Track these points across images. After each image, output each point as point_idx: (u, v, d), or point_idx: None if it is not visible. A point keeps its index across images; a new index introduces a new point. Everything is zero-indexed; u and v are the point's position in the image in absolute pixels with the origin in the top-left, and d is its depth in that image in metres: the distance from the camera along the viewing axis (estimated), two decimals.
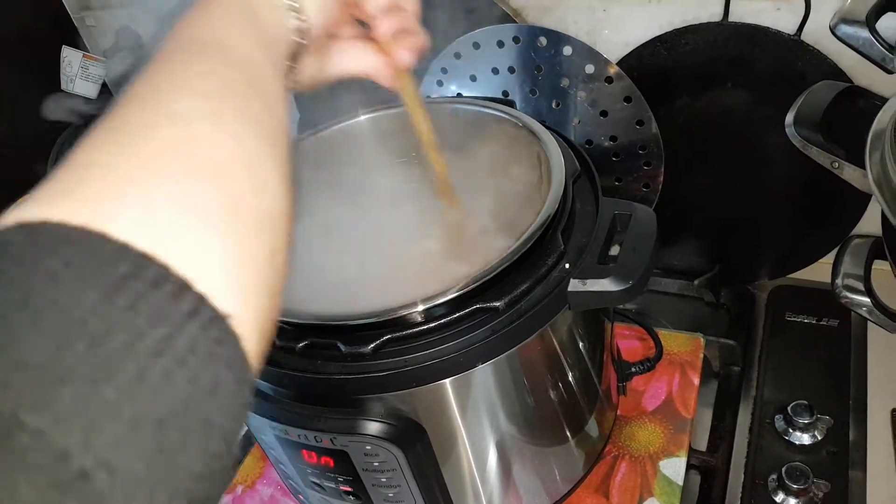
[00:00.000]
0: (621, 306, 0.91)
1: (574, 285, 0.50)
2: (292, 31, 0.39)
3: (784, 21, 0.73)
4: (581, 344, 0.59)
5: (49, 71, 1.06)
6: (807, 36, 0.72)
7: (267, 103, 0.33)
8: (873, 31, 0.57)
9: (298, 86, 0.44)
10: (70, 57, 1.06)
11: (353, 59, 0.49)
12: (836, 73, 0.72)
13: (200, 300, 0.23)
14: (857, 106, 0.70)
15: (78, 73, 1.06)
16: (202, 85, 0.30)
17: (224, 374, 0.23)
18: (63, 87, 1.06)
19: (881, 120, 0.59)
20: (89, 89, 1.08)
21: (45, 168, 1.10)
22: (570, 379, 0.59)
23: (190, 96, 0.29)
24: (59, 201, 0.24)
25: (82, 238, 0.22)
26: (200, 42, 0.33)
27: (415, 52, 0.49)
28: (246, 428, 0.82)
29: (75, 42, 1.10)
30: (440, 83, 0.87)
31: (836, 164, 0.63)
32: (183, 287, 0.23)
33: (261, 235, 0.28)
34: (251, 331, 0.25)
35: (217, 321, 0.23)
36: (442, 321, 0.48)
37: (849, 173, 0.63)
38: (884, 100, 0.63)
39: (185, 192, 0.25)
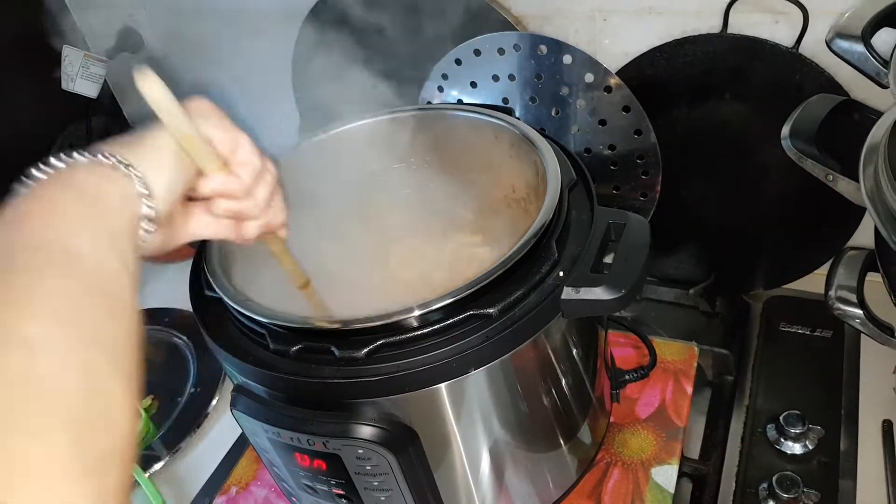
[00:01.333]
0: (616, 314, 0.92)
1: (567, 293, 0.50)
2: (142, 218, 0.39)
3: (782, 34, 0.73)
4: (574, 351, 0.59)
5: (50, 70, 1.06)
6: (804, 49, 0.73)
7: (117, 313, 0.33)
8: (868, 46, 0.58)
9: (145, 255, 0.43)
10: (71, 56, 1.06)
11: (204, 225, 0.48)
12: (832, 86, 0.73)
13: None
14: (852, 119, 0.70)
15: (79, 72, 1.07)
16: (51, 306, 0.30)
17: None
18: (64, 86, 1.06)
19: (875, 134, 0.60)
20: (90, 88, 1.09)
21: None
22: (564, 386, 0.60)
23: (38, 321, 0.29)
24: None
25: None
26: (50, 248, 0.32)
27: (262, 229, 0.50)
28: (240, 433, 0.83)
29: (76, 42, 1.10)
30: (441, 89, 0.88)
31: (831, 176, 0.64)
32: None
33: (109, 476, 0.28)
34: None
35: None
36: (435, 327, 0.49)
37: (843, 186, 0.63)
38: (879, 114, 0.63)
39: (40, 442, 0.26)
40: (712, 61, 0.77)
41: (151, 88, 0.41)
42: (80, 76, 1.06)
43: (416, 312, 0.48)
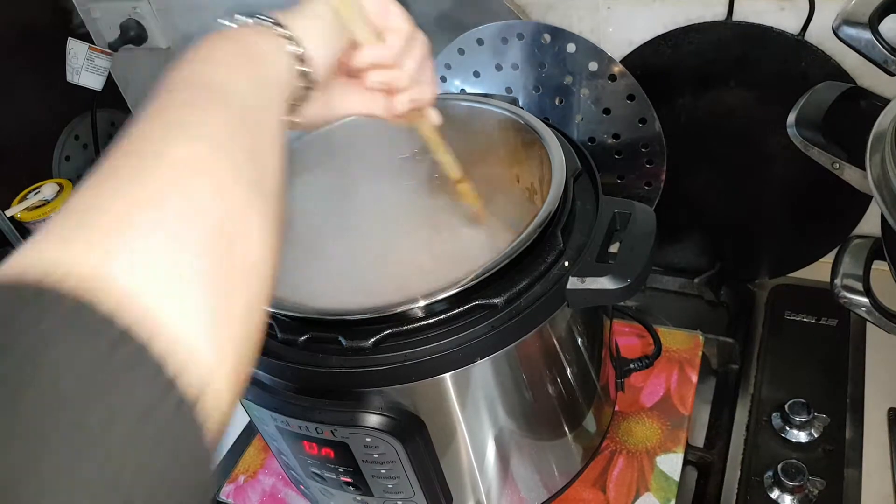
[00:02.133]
0: (621, 304, 0.92)
1: (573, 283, 0.51)
2: (296, 77, 0.41)
3: (788, 21, 0.73)
4: (579, 341, 0.59)
5: (55, 63, 1.06)
6: (810, 36, 0.72)
7: (263, 152, 0.34)
8: (875, 33, 0.57)
9: (302, 126, 0.45)
10: (76, 49, 1.06)
11: (358, 101, 0.49)
12: (839, 73, 0.72)
13: (173, 381, 0.24)
14: (859, 107, 0.70)
15: (84, 64, 1.07)
16: (199, 131, 0.31)
17: (185, 455, 0.24)
18: (69, 78, 1.07)
19: (882, 122, 0.60)
20: (95, 81, 1.09)
21: (52, 158, 1.11)
22: (569, 375, 0.60)
23: (186, 144, 0.30)
24: (58, 248, 0.25)
25: (74, 304, 0.23)
26: (201, 85, 0.34)
27: (412, 104, 0.50)
28: (247, 422, 0.83)
29: (81, 34, 1.10)
30: (444, 78, 0.87)
31: (837, 164, 0.63)
32: (160, 367, 0.24)
33: (245, 292, 0.29)
34: (225, 385, 0.27)
35: (184, 406, 0.24)
36: (441, 317, 0.49)
37: (849, 174, 0.63)
38: (886, 101, 0.63)
39: (175, 250, 0.26)
40: (717, 49, 0.76)
41: None
42: (84, 69, 1.06)
43: (422, 303, 0.49)
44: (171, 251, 0.26)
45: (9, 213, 1.03)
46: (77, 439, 0.21)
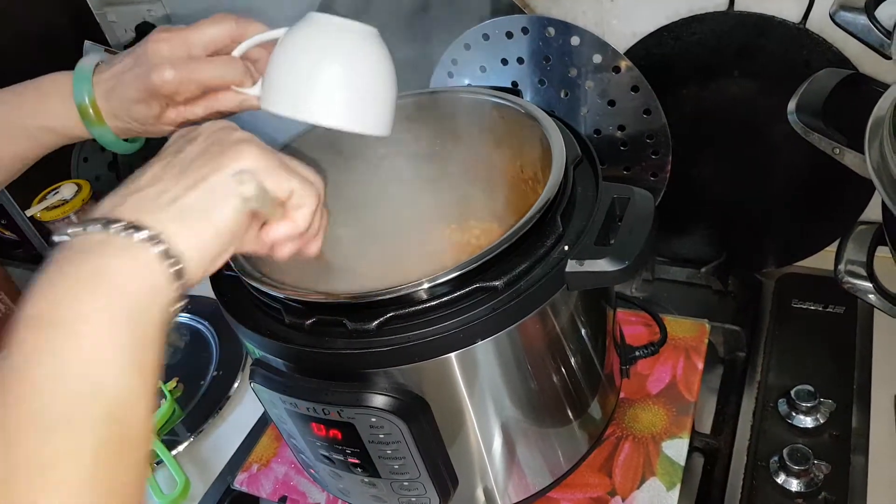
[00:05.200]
0: (628, 294, 0.93)
1: (572, 265, 0.52)
2: (175, 301, 0.38)
3: (789, 10, 0.73)
4: (581, 326, 0.60)
5: (71, 65, 1.09)
6: (812, 24, 0.73)
7: (133, 450, 0.33)
8: (872, 18, 0.58)
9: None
10: (92, 51, 1.09)
11: (257, 245, 0.47)
12: (841, 60, 0.73)
13: None
14: (859, 93, 0.70)
15: None
16: (64, 472, 0.29)
17: None
18: None
19: (881, 107, 0.60)
20: None
21: (70, 159, 1.14)
22: (572, 360, 0.61)
23: (50, 493, 0.29)
24: None
25: None
26: (62, 384, 0.31)
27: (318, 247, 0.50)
28: (261, 412, 0.85)
29: (97, 37, 1.13)
30: (451, 74, 0.89)
31: (837, 150, 0.64)
32: None
33: None
34: None
35: None
36: (443, 299, 0.50)
37: (850, 159, 0.64)
38: (886, 87, 0.63)
39: None
40: (720, 39, 0.77)
41: (253, 192, 0.41)
42: None
43: (425, 286, 0.50)
44: None
45: (29, 212, 1.06)
46: None
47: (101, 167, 1.16)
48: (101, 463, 0.31)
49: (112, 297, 0.34)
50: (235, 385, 0.91)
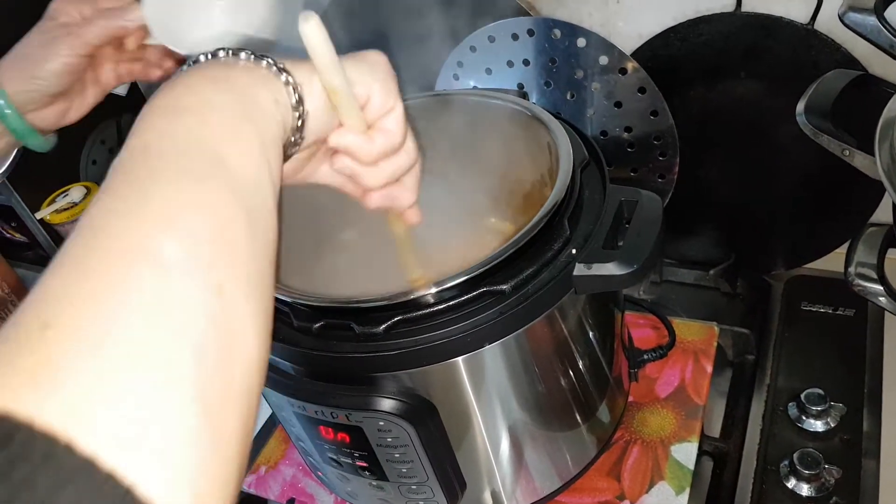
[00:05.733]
0: (636, 296, 0.92)
1: (579, 269, 0.52)
2: (294, 131, 0.37)
3: (797, 10, 0.73)
4: (589, 330, 0.60)
5: None
6: (820, 25, 0.72)
7: (259, 233, 0.30)
8: (881, 19, 0.57)
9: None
10: None
11: (326, 172, 0.46)
12: (850, 62, 0.72)
13: None
14: (868, 94, 0.70)
15: None
16: (194, 220, 0.27)
17: None
18: None
19: (891, 108, 0.60)
20: (120, 87, 1.11)
21: (79, 162, 1.14)
22: (579, 364, 0.61)
23: (178, 237, 0.26)
24: (23, 383, 0.22)
25: (48, 448, 0.21)
26: (197, 152, 0.30)
27: (383, 204, 0.47)
28: (269, 415, 0.85)
29: None
30: (456, 77, 0.89)
31: (847, 151, 0.64)
32: None
33: (232, 413, 0.26)
34: None
35: None
36: (451, 303, 0.50)
37: (860, 161, 0.63)
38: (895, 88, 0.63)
39: (157, 383, 0.23)
40: (727, 40, 0.77)
41: (312, 32, 0.38)
42: None
43: (432, 290, 0.50)
44: (155, 392, 0.23)
45: (38, 215, 1.06)
46: None
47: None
48: (230, 224, 0.29)
49: (238, 96, 0.34)
50: None
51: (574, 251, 0.53)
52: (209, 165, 0.30)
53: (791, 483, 0.68)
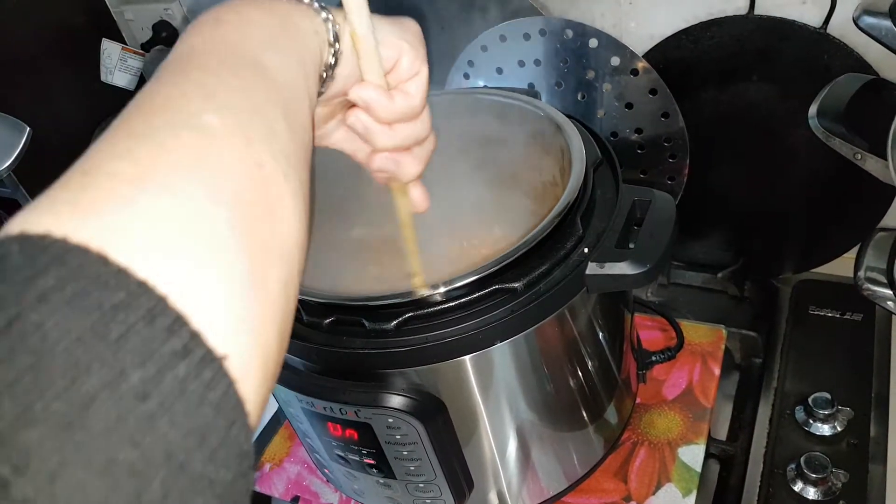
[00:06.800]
0: (645, 298, 0.92)
1: (592, 268, 0.51)
2: (328, 67, 0.38)
3: (810, 14, 0.73)
4: (599, 330, 0.60)
5: (89, 63, 1.10)
6: (833, 29, 0.72)
7: (297, 129, 0.32)
8: None
9: None
10: (109, 49, 1.09)
11: (350, 141, 0.46)
12: (862, 66, 0.72)
13: (194, 338, 0.21)
14: (881, 98, 0.70)
15: (117, 64, 1.10)
16: (233, 99, 0.29)
17: (214, 420, 0.21)
18: (103, 78, 1.10)
19: None
20: (127, 81, 1.12)
21: None
22: (588, 364, 0.60)
23: (218, 110, 0.28)
24: (64, 210, 0.22)
25: (80, 258, 0.21)
26: (238, 51, 0.32)
27: (387, 167, 0.46)
28: (274, 411, 0.85)
29: (114, 35, 1.13)
30: (467, 76, 0.89)
31: (859, 155, 0.63)
32: (177, 322, 0.21)
33: (271, 267, 0.26)
34: (252, 370, 0.24)
35: (210, 362, 0.22)
36: (462, 300, 0.50)
37: (872, 165, 0.63)
38: None
39: (195, 215, 0.24)
40: (739, 43, 0.77)
41: None
42: (118, 69, 1.10)
43: (443, 287, 0.50)
44: (193, 219, 0.23)
45: None
46: (70, 405, 0.19)
47: None
48: (270, 112, 0.30)
49: (280, 19, 0.35)
50: None
51: (586, 250, 0.53)
52: (250, 64, 0.31)
53: (798, 486, 0.68)
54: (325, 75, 0.38)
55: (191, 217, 0.23)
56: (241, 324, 0.24)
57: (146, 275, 0.21)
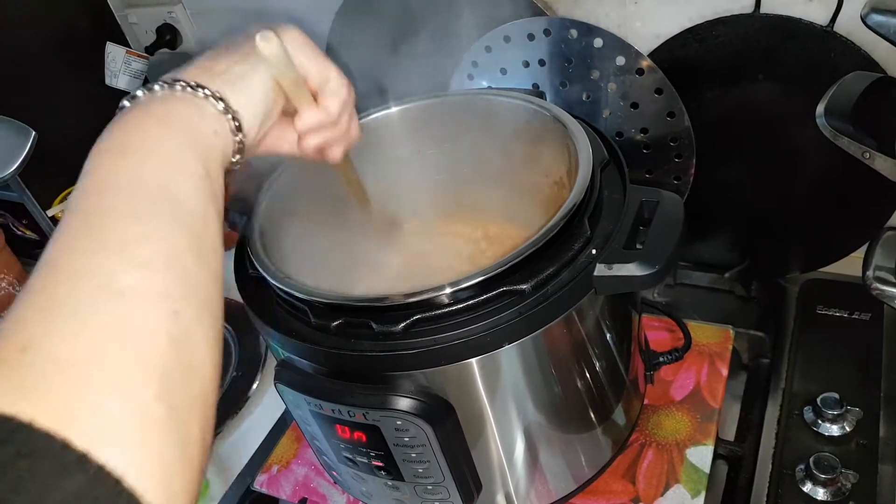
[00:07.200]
0: (651, 298, 0.92)
1: (600, 270, 0.51)
2: (233, 154, 0.40)
3: (816, 12, 0.73)
4: (607, 332, 0.60)
5: (93, 66, 1.10)
6: (839, 27, 0.72)
7: (207, 259, 0.33)
8: None
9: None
10: (114, 53, 1.10)
11: (284, 143, 0.49)
12: (869, 64, 0.72)
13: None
14: (889, 97, 0.69)
15: (121, 68, 1.10)
16: (146, 250, 0.30)
17: None
18: (107, 81, 1.10)
19: None
20: (131, 84, 1.12)
21: None
22: (596, 365, 0.60)
23: (135, 267, 0.29)
24: (24, 395, 0.25)
25: (47, 444, 0.24)
26: (146, 188, 0.32)
27: (343, 152, 0.52)
28: (281, 412, 0.85)
29: (118, 38, 1.14)
30: (471, 77, 0.89)
31: (867, 154, 0.63)
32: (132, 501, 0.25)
33: (193, 423, 0.29)
34: None
35: None
36: (470, 303, 0.50)
37: (880, 163, 0.63)
38: None
39: (131, 393, 0.27)
40: (745, 42, 0.76)
41: (272, 51, 0.42)
42: (122, 72, 1.10)
43: (451, 289, 0.49)
44: (130, 398, 0.26)
45: (50, 212, 1.06)
46: None
47: None
48: (181, 253, 0.31)
49: (180, 131, 0.36)
50: (255, 385, 0.91)
51: (594, 251, 0.53)
52: (157, 200, 0.32)
53: (807, 487, 0.67)
54: (233, 160, 0.40)
55: (128, 399, 0.26)
56: (167, 488, 0.27)
57: (100, 458, 0.24)
